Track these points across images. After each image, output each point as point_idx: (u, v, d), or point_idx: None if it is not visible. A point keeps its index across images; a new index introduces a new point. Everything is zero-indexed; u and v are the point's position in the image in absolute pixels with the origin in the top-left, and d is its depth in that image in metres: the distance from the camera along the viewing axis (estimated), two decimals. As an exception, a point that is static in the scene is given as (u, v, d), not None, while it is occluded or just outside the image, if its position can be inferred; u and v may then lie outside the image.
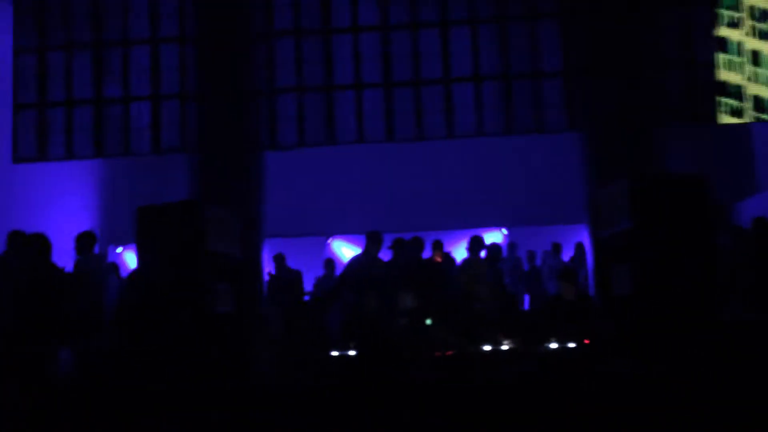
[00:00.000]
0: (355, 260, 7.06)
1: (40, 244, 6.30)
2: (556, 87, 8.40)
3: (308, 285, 9.30)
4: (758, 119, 8.38)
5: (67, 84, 8.70)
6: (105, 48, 8.75)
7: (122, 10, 8.72)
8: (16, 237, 6.57)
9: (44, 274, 6.15)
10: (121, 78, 8.73)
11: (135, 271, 6.53)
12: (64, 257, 7.03)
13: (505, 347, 5.16)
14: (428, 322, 6.06)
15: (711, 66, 8.24)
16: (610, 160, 7.62)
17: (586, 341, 5.40)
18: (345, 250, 10.81)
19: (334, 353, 5.38)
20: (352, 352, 5.37)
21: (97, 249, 7.60)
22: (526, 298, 8.78)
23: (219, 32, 8.31)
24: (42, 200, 9.40)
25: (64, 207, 9.87)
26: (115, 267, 8.21)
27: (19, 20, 8.76)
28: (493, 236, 10.13)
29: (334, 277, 8.84)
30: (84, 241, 6.86)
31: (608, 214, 5.32)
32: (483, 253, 7.03)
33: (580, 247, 9.07)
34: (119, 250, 11.10)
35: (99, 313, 6.41)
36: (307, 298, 8.48)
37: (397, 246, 7.08)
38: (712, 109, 8.25)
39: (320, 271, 10.19)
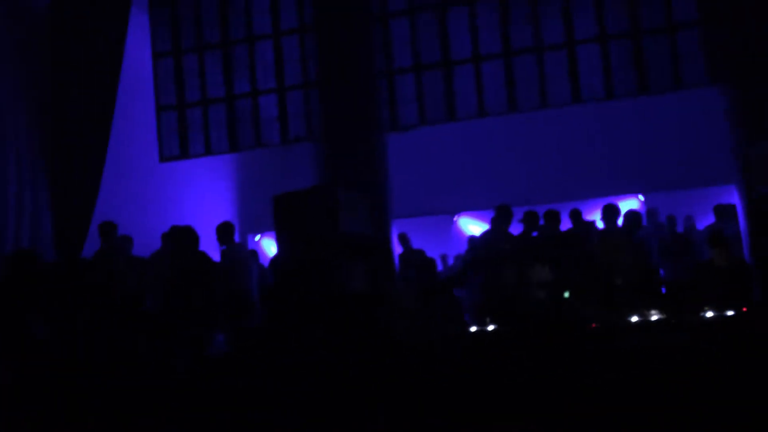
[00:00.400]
0: (484, 236, 6.96)
1: (190, 236, 6.77)
2: (693, 39, 7.79)
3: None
4: None
5: (201, 84, 9.25)
6: (232, 46, 9.20)
7: (245, 9, 9.11)
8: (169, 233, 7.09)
9: (196, 263, 6.61)
10: (249, 73, 9.15)
11: (277, 256, 6.86)
12: (209, 247, 7.51)
13: (654, 318, 4.89)
14: (566, 294, 5.88)
15: None
16: (760, 114, 6.95)
17: (744, 309, 5.00)
18: (472, 227, 10.70)
19: (473, 329, 5.36)
20: (490, 327, 5.33)
21: (237, 238, 8.07)
22: (671, 267, 8.26)
23: (336, 19, 8.46)
24: (185, 196, 10.08)
25: (204, 201, 10.54)
26: (255, 254, 8.66)
27: (155, 27, 9.41)
28: (630, 203, 9.61)
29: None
30: (225, 232, 7.30)
31: (763, 171, 4.86)
32: (620, 222, 6.68)
33: (719, 210, 8.39)
34: (257, 237, 11.70)
35: (247, 297, 6.80)
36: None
37: (528, 219, 6.89)
38: None
39: (449, 249, 10.19)
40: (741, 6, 7.29)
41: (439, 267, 9.36)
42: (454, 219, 10.94)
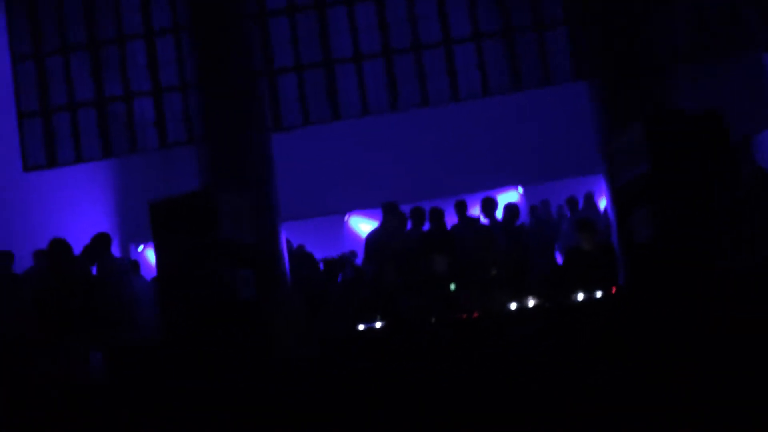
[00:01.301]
0: (373, 234, 7.01)
1: (60, 248, 6.35)
2: (560, 37, 8.21)
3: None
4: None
5: (68, 87, 8.67)
6: (101, 47, 8.70)
7: (114, 7, 8.64)
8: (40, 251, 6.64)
9: (66, 277, 6.20)
10: (121, 76, 8.69)
11: (156, 267, 6.56)
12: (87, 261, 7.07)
13: (531, 304, 5.11)
14: (452, 287, 6.02)
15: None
16: (622, 106, 7.45)
17: (613, 289, 5.33)
18: (363, 226, 10.77)
19: (361, 327, 5.37)
20: (378, 325, 5.36)
21: (116, 248, 7.65)
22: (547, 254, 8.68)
23: (211, 18, 8.20)
24: (57, 206, 9.45)
25: (80, 211, 9.92)
26: (137, 265, 8.26)
27: (13, 27, 8.73)
28: (510, 195, 10.03)
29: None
30: (100, 244, 6.91)
31: (625, 159, 5.19)
32: (499, 214, 6.95)
33: (589, 197, 8.96)
34: (140, 248, 11.17)
35: (123, 312, 6.46)
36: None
37: (415, 216, 7.02)
38: (724, 42, 8.01)
39: (341, 250, 10.19)
40: (604, 6, 7.78)
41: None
42: (345, 219, 10.98)
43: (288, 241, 8.33)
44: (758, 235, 5.19)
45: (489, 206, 6.85)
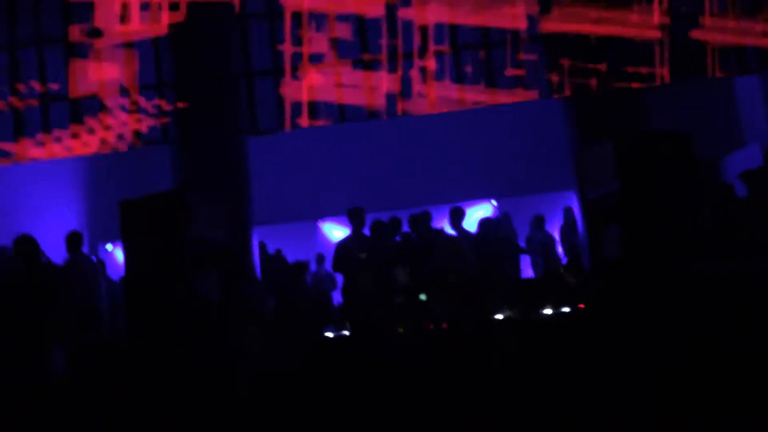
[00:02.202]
0: (343, 241, 6.99)
1: (26, 245, 6.23)
2: (537, 53, 8.33)
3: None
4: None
5: (40, 80, 8.54)
6: (77, 41, 8.59)
7: (92, 4, 8.54)
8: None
9: (33, 275, 6.09)
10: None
11: (125, 267, 6.48)
12: (53, 258, 6.95)
13: (499, 317, 5.15)
14: (422, 297, 6.04)
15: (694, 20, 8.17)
16: (595, 123, 7.57)
17: (581, 306, 5.40)
18: (336, 232, 10.75)
19: (329, 334, 5.36)
20: (346, 332, 5.36)
21: (86, 247, 7.53)
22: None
23: (192, 19, 8.16)
24: (25, 201, 9.28)
25: (48, 207, 9.76)
26: (103, 265, 8.13)
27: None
28: (483, 208, 10.09)
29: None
30: (71, 241, 6.81)
31: (595, 176, 5.27)
32: (469, 226, 7.01)
33: (568, 211, 9.05)
34: (109, 247, 11.01)
35: (90, 311, 6.36)
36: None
37: (391, 224, 7.01)
38: (697, 64, 8.20)
39: (312, 255, 10.14)
40: (578, 24, 7.91)
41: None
42: (318, 224, 10.94)
43: (262, 244, 8.28)
44: (724, 248, 5.32)
45: (456, 216, 6.89)
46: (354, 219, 6.59)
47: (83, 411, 4.29)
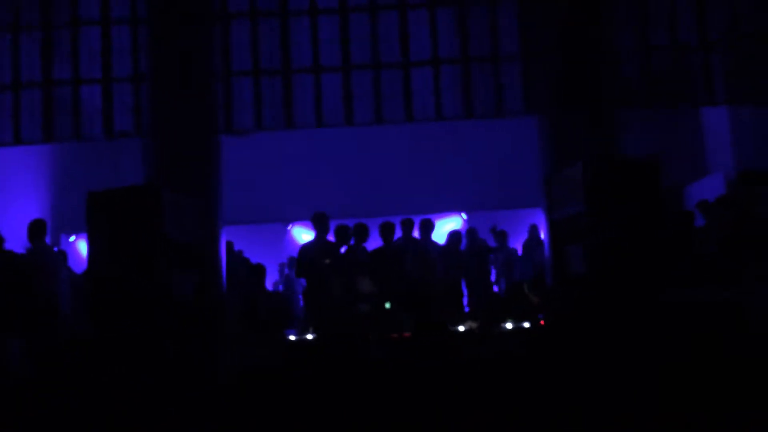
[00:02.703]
0: (307, 246, 7.00)
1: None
2: (514, 71, 8.46)
3: (270, 271, 9.23)
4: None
5: (14, 66, 8.39)
6: (53, 29, 8.46)
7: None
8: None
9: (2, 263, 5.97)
10: (71, 60, 8.46)
11: (89, 259, 6.38)
12: (15, 246, 6.82)
13: (461, 329, 5.22)
14: (387, 305, 6.09)
15: (669, 50, 8.40)
16: (566, 144, 7.72)
17: (542, 321, 5.50)
18: (306, 237, 10.74)
19: (292, 337, 5.37)
20: (309, 336, 5.37)
21: (48, 238, 7.40)
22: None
23: (172, 13, 8.11)
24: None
25: (13, 194, 9.56)
26: (65, 255, 8.00)
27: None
28: (453, 221, 10.21)
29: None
30: (35, 230, 6.68)
31: (562, 196, 5.40)
32: (439, 239, 7.08)
33: (534, 228, 9.23)
34: (72, 238, 10.83)
35: (50, 303, 6.25)
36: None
37: (359, 231, 7.05)
38: (670, 94, 8.42)
39: (281, 258, 10.13)
40: (559, 46, 8.07)
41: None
42: (288, 228, 10.93)
43: (229, 244, 8.24)
44: (681, 272, 5.48)
45: (426, 228, 6.97)
46: (317, 224, 6.61)
47: (39, 405, 4.22)
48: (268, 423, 4.02)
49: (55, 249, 7.76)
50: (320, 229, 6.55)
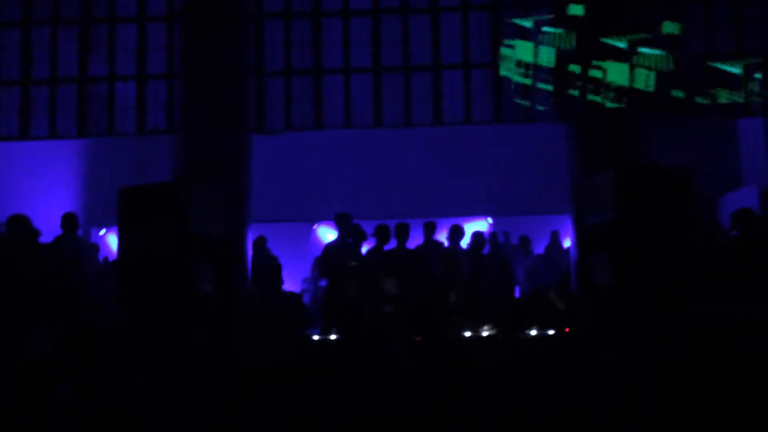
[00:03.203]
0: (330, 246, 7.02)
1: (17, 222, 6.24)
2: (545, 77, 8.39)
3: (290, 269, 9.28)
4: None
5: (51, 61, 8.57)
6: (91, 25, 8.63)
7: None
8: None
9: (22, 252, 6.10)
10: (107, 56, 8.62)
11: (119, 253, 6.49)
12: (48, 238, 6.96)
13: (484, 334, 5.19)
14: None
15: (702, 58, 8.26)
16: (597, 152, 7.63)
17: (567, 329, 5.44)
18: (330, 236, 10.77)
19: (315, 337, 5.39)
20: (333, 337, 5.38)
21: (80, 230, 7.55)
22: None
23: (207, 11, 8.21)
24: (24, 180, 9.28)
25: (47, 187, 9.76)
26: (97, 248, 8.15)
27: (2, -6, 8.62)
28: (479, 225, 10.15)
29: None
30: (67, 222, 6.83)
31: (592, 203, 5.34)
32: (465, 243, 7.04)
33: (555, 235, 9.16)
34: (102, 232, 11.02)
35: (78, 292, 6.37)
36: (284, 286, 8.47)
37: (380, 232, 7.06)
38: (702, 103, 8.27)
39: (305, 256, 10.17)
40: (590, 54, 7.99)
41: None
42: (313, 227, 10.98)
43: (262, 239, 8.32)
44: (707, 288, 5.38)
45: (456, 234, 6.93)
46: (340, 224, 6.62)
47: (66, 390, 4.30)
48: (277, 421, 4.04)
49: (89, 242, 7.90)
50: (343, 229, 6.56)
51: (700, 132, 9.80)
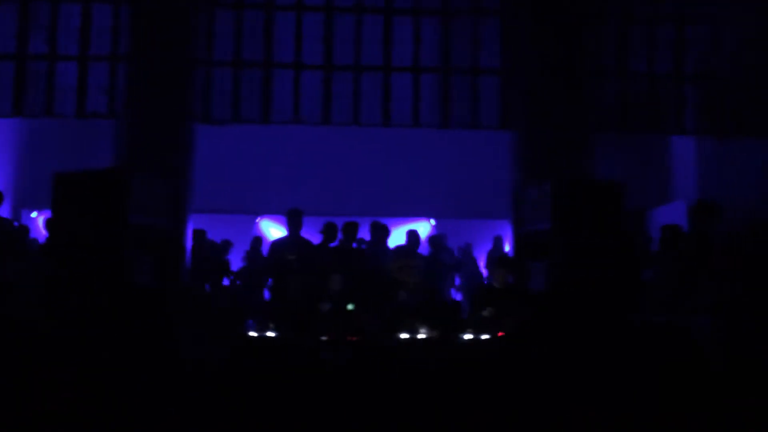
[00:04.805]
0: (278, 242, 7.01)
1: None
2: (493, 84, 8.57)
3: (235, 260, 9.21)
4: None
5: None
6: (32, 1, 8.31)
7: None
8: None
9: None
10: (49, 35, 8.31)
11: (51, 239, 6.27)
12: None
13: (421, 336, 5.27)
14: (350, 307, 6.10)
15: (646, 77, 8.60)
16: (538, 161, 7.85)
17: (500, 333, 5.58)
18: (273, 230, 10.73)
19: (253, 334, 5.36)
20: (270, 334, 5.37)
21: (8, 212, 7.26)
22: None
23: (156, -3, 8.03)
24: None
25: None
26: (27, 230, 7.85)
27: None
28: (422, 226, 10.30)
29: (260, 255, 8.78)
30: (-8, 202, 6.54)
31: (530, 212, 5.51)
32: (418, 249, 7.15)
33: (498, 240, 9.38)
34: (34, 214, 10.64)
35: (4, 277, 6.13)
36: (227, 281, 8.39)
37: (327, 230, 7.08)
38: (642, 121, 8.61)
39: (246, 248, 10.08)
40: (538, 62, 8.20)
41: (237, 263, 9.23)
42: (256, 220, 10.90)
43: (201, 232, 8.20)
44: (641, 296, 5.63)
45: (413, 239, 7.00)
46: (291, 220, 6.61)
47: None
48: (213, 417, 4.01)
49: (16, 224, 7.60)
50: (293, 226, 6.55)
51: (638, 147, 10.20)
